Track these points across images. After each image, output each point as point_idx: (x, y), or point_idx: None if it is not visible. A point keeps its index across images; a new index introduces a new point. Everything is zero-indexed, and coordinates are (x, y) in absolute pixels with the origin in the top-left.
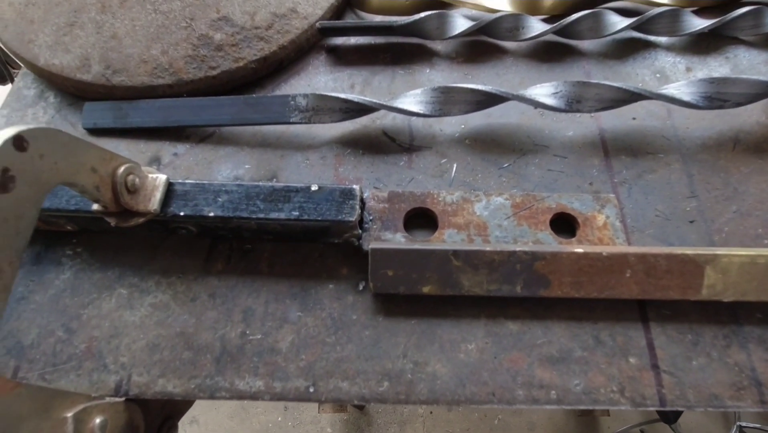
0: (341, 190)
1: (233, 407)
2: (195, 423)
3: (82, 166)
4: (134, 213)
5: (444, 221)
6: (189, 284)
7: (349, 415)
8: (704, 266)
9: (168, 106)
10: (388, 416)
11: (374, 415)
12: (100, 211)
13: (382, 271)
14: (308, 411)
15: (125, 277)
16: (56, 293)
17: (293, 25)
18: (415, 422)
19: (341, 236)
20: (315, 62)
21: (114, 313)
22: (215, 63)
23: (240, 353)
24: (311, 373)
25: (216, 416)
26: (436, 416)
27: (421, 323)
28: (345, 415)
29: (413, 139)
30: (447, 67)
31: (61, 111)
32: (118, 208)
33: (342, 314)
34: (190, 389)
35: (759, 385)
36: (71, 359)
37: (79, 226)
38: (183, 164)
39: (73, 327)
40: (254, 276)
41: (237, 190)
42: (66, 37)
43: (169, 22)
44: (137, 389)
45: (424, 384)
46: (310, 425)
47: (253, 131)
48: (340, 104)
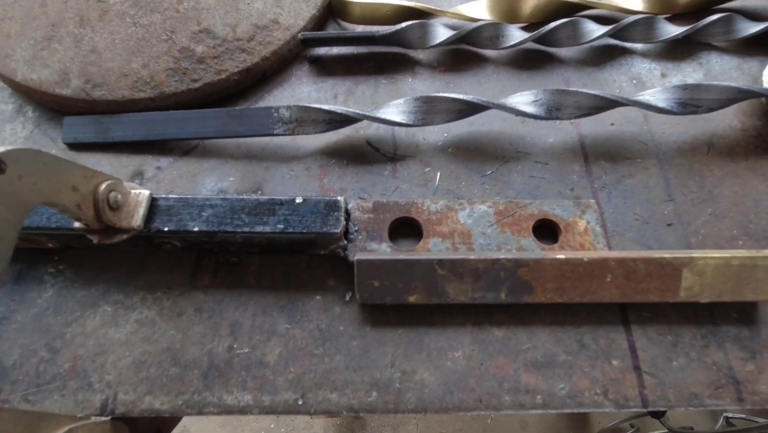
0: (326, 202)
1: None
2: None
3: (63, 186)
4: (117, 230)
5: (428, 230)
6: (175, 299)
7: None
8: (681, 268)
9: (150, 120)
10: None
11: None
12: (82, 228)
13: (368, 282)
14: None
15: (110, 294)
16: (39, 311)
17: (275, 36)
18: (408, 424)
19: (327, 247)
20: (298, 73)
21: (99, 330)
22: (197, 75)
23: (228, 368)
24: (300, 385)
25: (207, 425)
26: (429, 417)
27: (408, 332)
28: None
29: (397, 149)
30: (429, 75)
31: (40, 126)
32: (101, 225)
33: (329, 326)
34: (177, 405)
35: (736, 383)
36: (55, 379)
37: (61, 243)
38: (167, 178)
39: (56, 346)
40: (241, 289)
41: (221, 204)
42: (44, 52)
43: (150, 35)
44: (124, 407)
45: (412, 393)
46: (303, 431)
47: (237, 143)
48: (324, 115)
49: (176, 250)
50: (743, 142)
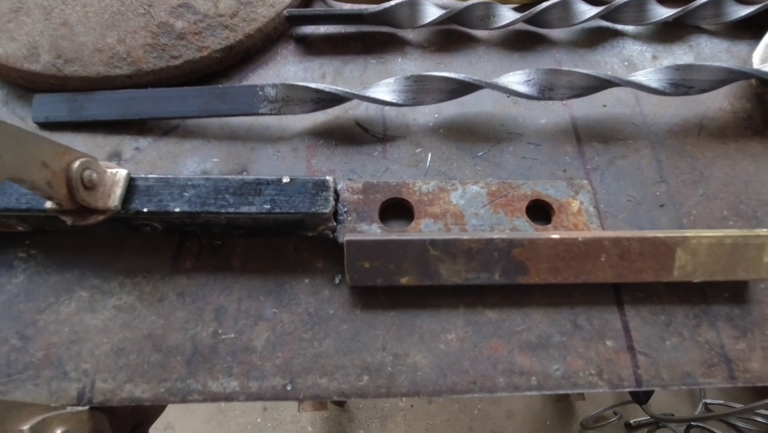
0: (314, 182)
1: (210, 410)
2: (170, 429)
3: (32, 161)
4: (92, 211)
5: (420, 211)
6: (156, 283)
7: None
8: (675, 248)
9: (128, 98)
10: (368, 412)
11: (355, 411)
12: (54, 209)
13: (359, 263)
14: (288, 410)
15: (85, 278)
16: (8, 298)
17: (259, 12)
18: (396, 416)
19: (315, 228)
20: (283, 52)
21: (74, 317)
22: (177, 52)
23: (213, 353)
24: (288, 370)
25: (192, 420)
26: (417, 409)
27: (400, 314)
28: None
29: (387, 129)
30: (419, 56)
31: (8, 104)
32: (74, 205)
33: (319, 309)
34: (159, 393)
35: (728, 361)
36: (27, 368)
37: (32, 226)
38: (146, 159)
39: (28, 334)
40: (226, 273)
41: (204, 184)
42: (10, 24)
43: (125, 8)
44: (102, 396)
45: (404, 376)
46: (290, 424)
47: (220, 123)
48: (311, 94)
49: (156, 232)
50: (733, 124)
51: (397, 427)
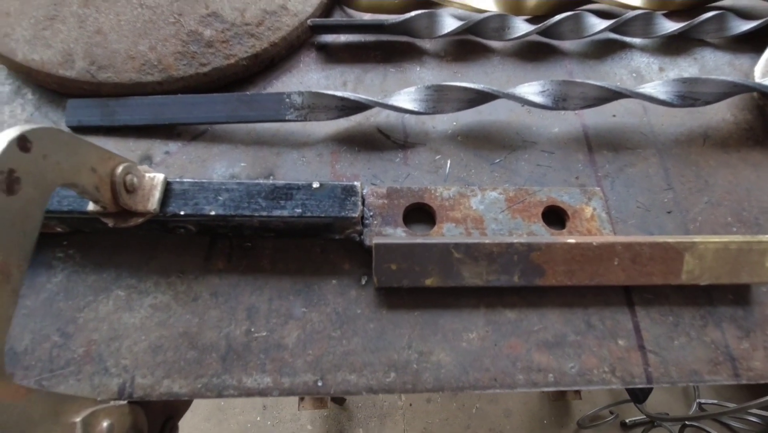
0: (343, 187)
1: (210, 408)
2: None
3: (83, 167)
4: (133, 213)
5: (442, 216)
6: (189, 283)
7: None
8: (684, 252)
9: (158, 104)
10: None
11: (354, 410)
12: (97, 211)
13: (386, 265)
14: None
15: (122, 278)
16: (49, 296)
17: (284, 22)
18: (395, 414)
19: (343, 232)
20: (306, 60)
21: (112, 315)
22: (206, 60)
23: (246, 351)
24: (319, 367)
25: (192, 418)
26: (416, 408)
27: (424, 314)
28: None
29: (407, 136)
30: (437, 65)
31: (40, 108)
32: (117, 208)
33: (346, 309)
34: (197, 388)
35: (733, 360)
36: (69, 364)
37: (70, 227)
38: (176, 163)
39: (69, 331)
40: (256, 274)
41: (237, 188)
42: (46, 32)
43: (157, 17)
44: (141, 391)
45: (429, 373)
46: (289, 423)
47: (247, 129)
48: (336, 102)
49: (189, 234)
50: (736, 135)
51: (395, 425)
